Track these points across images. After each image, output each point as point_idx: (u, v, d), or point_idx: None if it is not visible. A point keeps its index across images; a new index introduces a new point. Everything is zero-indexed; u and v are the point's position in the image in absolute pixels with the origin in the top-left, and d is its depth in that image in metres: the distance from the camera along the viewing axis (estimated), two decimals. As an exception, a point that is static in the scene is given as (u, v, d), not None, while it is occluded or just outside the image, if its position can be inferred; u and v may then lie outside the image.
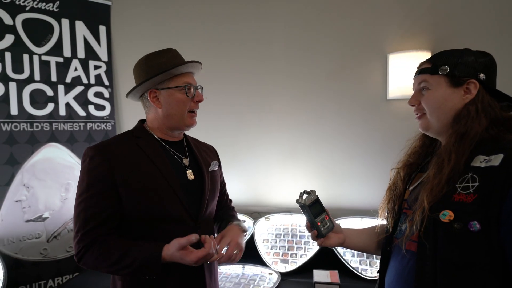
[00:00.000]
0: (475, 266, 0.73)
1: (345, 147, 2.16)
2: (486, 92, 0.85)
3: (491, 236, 0.71)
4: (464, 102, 0.85)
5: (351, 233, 1.12)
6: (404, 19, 2.00)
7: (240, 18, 2.23)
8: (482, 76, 0.84)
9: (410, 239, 0.85)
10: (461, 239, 0.74)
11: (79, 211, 0.99)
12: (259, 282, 1.67)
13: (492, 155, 0.75)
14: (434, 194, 0.79)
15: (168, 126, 1.11)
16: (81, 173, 1.02)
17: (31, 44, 2.07)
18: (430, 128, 0.91)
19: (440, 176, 0.80)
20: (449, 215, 0.76)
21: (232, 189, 2.27)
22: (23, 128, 2.04)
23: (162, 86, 1.07)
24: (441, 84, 0.87)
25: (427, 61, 0.92)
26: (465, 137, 0.81)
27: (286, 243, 1.95)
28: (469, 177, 0.76)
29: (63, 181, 2.15)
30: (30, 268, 2.02)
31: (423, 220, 0.79)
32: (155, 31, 2.34)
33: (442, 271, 0.77)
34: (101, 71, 2.31)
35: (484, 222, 0.71)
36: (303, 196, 1.02)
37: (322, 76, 2.15)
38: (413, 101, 0.93)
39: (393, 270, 0.91)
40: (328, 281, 1.53)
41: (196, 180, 1.14)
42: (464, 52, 0.87)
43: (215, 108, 2.29)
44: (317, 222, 1.00)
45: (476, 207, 0.73)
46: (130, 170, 1.02)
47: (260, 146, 2.28)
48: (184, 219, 1.06)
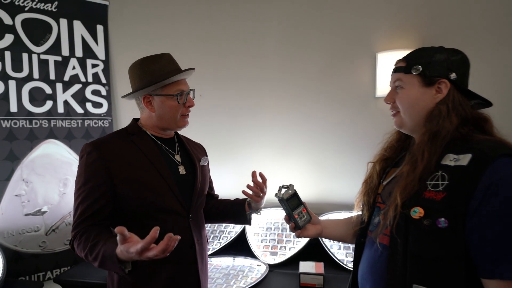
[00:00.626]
0: (442, 260, 0.75)
1: (335, 144, 2.21)
2: (457, 91, 0.87)
3: (457, 233, 0.74)
4: (436, 102, 0.87)
5: (328, 224, 1.17)
6: (393, 19, 2.04)
7: (234, 18, 2.28)
8: (453, 75, 0.87)
9: (383, 232, 0.88)
10: (429, 235, 0.77)
11: (78, 203, 1.05)
12: (248, 273, 1.73)
13: (461, 154, 0.78)
14: (407, 191, 0.82)
15: (161, 127, 1.18)
16: (79, 168, 1.08)
17: (30, 44, 2.14)
18: (404, 125, 0.94)
19: (414, 175, 0.82)
20: (420, 212, 0.79)
21: (225, 185, 2.34)
22: (22, 125, 2.11)
23: (155, 93, 1.13)
24: (414, 83, 0.89)
25: (403, 59, 0.94)
26: (437, 136, 0.83)
27: (276, 237, 2.01)
28: (439, 175, 0.79)
29: (61, 176, 2.22)
30: (29, 260, 2.10)
31: (395, 216, 0.82)
32: (151, 31, 2.40)
33: (412, 265, 0.80)
34: (99, 70, 2.38)
35: (451, 220, 0.74)
36: (282, 191, 1.08)
37: (313, 75, 2.20)
38: (388, 99, 0.96)
39: (366, 262, 0.95)
40: (313, 272, 1.59)
41: (187, 175, 1.21)
42: (437, 50, 0.89)
43: (209, 106, 2.35)
44: (294, 214, 1.06)
45: (444, 205, 0.76)
46: (126, 165, 1.08)
47: (252, 143, 2.34)
48: (177, 210, 1.13)
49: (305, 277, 1.59)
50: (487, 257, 0.72)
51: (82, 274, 1.77)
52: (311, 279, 1.59)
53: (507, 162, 0.73)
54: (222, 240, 2.04)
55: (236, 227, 2.11)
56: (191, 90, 1.20)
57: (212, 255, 1.96)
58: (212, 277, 1.70)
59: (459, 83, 0.87)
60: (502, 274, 0.69)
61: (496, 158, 0.73)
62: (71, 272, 1.81)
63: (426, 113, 0.88)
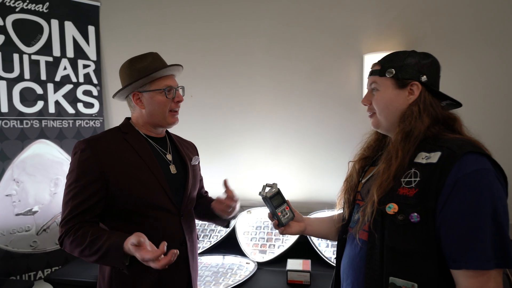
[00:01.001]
0: (415, 254, 0.80)
1: (325, 143, 2.25)
2: (429, 92, 0.92)
3: (428, 227, 0.78)
4: (408, 103, 0.91)
5: (312, 222, 1.21)
6: (380, 22, 2.08)
7: (224, 20, 2.31)
8: (424, 78, 0.91)
9: (363, 228, 0.92)
10: (403, 230, 0.81)
11: (68, 199, 1.06)
12: (237, 271, 1.76)
13: (432, 152, 0.83)
14: (382, 188, 0.86)
15: (151, 124, 1.20)
16: (72, 164, 1.09)
17: (21, 44, 2.15)
18: (380, 126, 0.99)
19: (389, 172, 0.86)
20: (394, 207, 0.83)
21: (216, 183, 2.36)
22: (13, 125, 2.11)
23: (144, 89, 1.16)
24: (388, 86, 0.94)
25: (378, 62, 0.99)
26: (410, 135, 0.87)
27: (265, 235, 2.04)
28: (412, 173, 0.83)
29: (52, 176, 2.23)
30: (20, 260, 2.11)
31: (373, 212, 0.86)
32: (142, 31, 2.41)
33: (388, 258, 0.84)
34: (90, 70, 2.39)
35: (422, 214, 0.79)
36: (266, 189, 1.11)
37: (302, 76, 2.24)
38: (365, 101, 1.02)
39: (347, 257, 0.99)
40: (300, 269, 1.62)
41: (178, 174, 1.23)
42: (409, 54, 0.94)
43: (200, 106, 2.37)
44: (277, 212, 1.09)
45: (416, 200, 0.80)
46: (119, 163, 1.10)
47: (243, 142, 2.37)
48: (168, 208, 1.15)
49: (293, 274, 1.62)
50: (455, 249, 0.76)
51: (72, 273, 1.78)
52: (298, 276, 1.62)
53: (473, 159, 0.78)
54: (212, 239, 2.07)
55: (226, 226, 2.13)
56: (181, 87, 1.23)
57: (202, 254, 1.98)
58: (202, 275, 1.72)
59: (429, 85, 0.92)
60: (467, 264, 0.74)
61: (462, 156, 0.78)
62: (62, 271, 1.83)
63: (400, 114, 0.92)
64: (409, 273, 0.81)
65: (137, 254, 0.90)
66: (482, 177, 0.76)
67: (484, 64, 1.95)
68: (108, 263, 1.01)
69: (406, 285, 0.81)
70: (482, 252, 0.73)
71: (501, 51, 1.91)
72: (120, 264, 0.95)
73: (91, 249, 0.99)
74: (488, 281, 0.73)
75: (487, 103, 1.95)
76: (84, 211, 1.05)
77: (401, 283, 0.81)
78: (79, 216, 1.05)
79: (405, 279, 0.81)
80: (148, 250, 0.90)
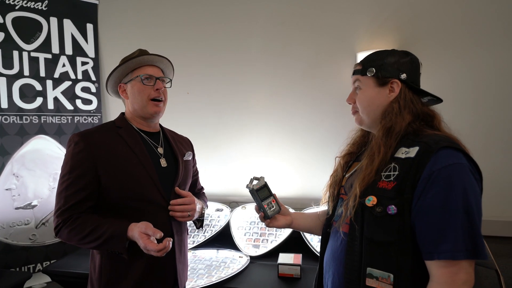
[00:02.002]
0: (391, 245, 0.82)
1: (318, 141, 2.28)
2: (409, 89, 0.95)
3: (404, 219, 0.81)
4: (389, 100, 0.94)
5: (298, 216, 1.24)
6: (373, 20, 2.11)
7: (221, 19, 2.34)
8: (403, 76, 0.94)
9: (345, 222, 0.94)
10: (381, 221, 0.84)
11: (61, 189, 1.09)
12: (230, 264, 1.80)
13: (411, 147, 0.86)
14: (365, 182, 0.89)
15: (138, 115, 1.24)
16: (66, 156, 1.13)
17: (21, 41, 2.19)
18: (363, 123, 1.02)
19: (372, 167, 0.89)
20: (373, 200, 0.86)
21: (212, 180, 2.41)
22: (13, 120, 2.16)
23: (126, 80, 1.22)
24: (370, 84, 0.97)
25: (360, 62, 1.01)
26: (391, 131, 0.90)
27: (259, 230, 2.08)
28: (392, 167, 0.87)
29: (51, 171, 2.27)
30: (19, 252, 2.16)
31: (354, 205, 0.89)
32: (140, 29, 2.45)
33: (366, 249, 0.87)
34: (88, 67, 2.43)
35: (399, 207, 0.82)
36: (253, 182, 1.14)
37: (297, 74, 2.27)
38: (349, 100, 1.05)
39: (329, 250, 1.02)
40: (291, 263, 1.66)
41: (169, 167, 1.26)
42: (389, 53, 0.97)
43: (196, 104, 2.41)
44: (263, 204, 1.12)
45: (394, 193, 0.83)
46: (111, 156, 1.13)
47: (238, 140, 2.40)
48: (158, 201, 1.18)
49: (283, 268, 1.66)
50: (428, 240, 0.79)
51: (69, 265, 1.83)
52: (288, 269, 1.65)
53: (448, 153, 0.80)
54: (206, 233, 2.11)
55: (221, 220, 2.17)
56: (167, 78, 1.27)
57: (197, 248, 2.02)
58: (195, 268, 1.76)
59: (409, 83, 0.94)
60: (439, 255, 0.77)
61: (438, 150, 0.81)
62: (59, 263, 1.87)
63: (382, 111, 0.95)
64: (385, 264, 0.83)
65: (142, 243, 1.00)
66: (456, 171, 0.78)
67: (476, 63, 1.97)
68: (110, 247, 1.07)
69: (382, 276, 0.83)
70: (454, 244, 0.75)
71: (492, 50, 1.93)
72: (121, 248, 1.04)
73: (92, 235, 1.05)
74: (459, 271, 0.76)
75: (478, 101, 1.98)
76: (79, 202, 1.09)
77: (378, 273, 0.84)
78: (75, 207, 1.08)
79: (381, 270, 0.84)
80: (153, 242, 1.00)
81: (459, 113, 1.96)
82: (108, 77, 1.22)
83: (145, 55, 1.20)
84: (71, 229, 1.07)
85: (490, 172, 1.26)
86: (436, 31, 2.02)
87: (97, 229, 1.06)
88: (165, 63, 1.27)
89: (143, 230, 1.02)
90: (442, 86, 1.98)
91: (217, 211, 2.26)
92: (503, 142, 1.94)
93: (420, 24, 2.05)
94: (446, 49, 2.00)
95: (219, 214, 2.24)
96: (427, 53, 2.00)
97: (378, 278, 0.84)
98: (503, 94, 1.94)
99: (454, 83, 1.99)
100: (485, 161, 1.06)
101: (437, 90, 0.97)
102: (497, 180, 1.87)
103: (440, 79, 1.99)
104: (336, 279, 0.95)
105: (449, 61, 2.00)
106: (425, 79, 1.12)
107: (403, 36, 2.07)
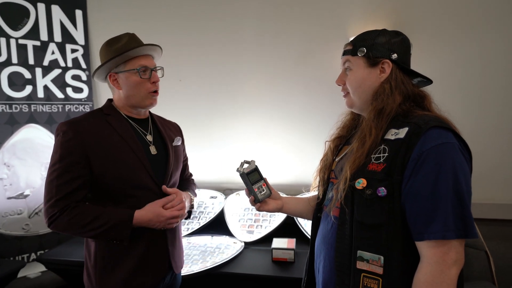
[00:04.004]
0: (381, 227, 0.83)
1: (313, 127, 2.28)
2: (400, 70, 0.94)
3: (394, 201, 0.82)
4: (380, 81, 0.93)
5: (289, 200, 1.23)
6: (367, 6, 2.09)
7: (212, 4, 2.30)
8: (394, 56, 0.92)
9: (335, 205, 0.94)
10: (371, 204, 0.84)
11: (52, 178, 1.08)
12: (224, 250, 1.81)
13: (400, 128, 0.85)
14: (355, 165, 0.88)
15: (130, 105, 1.22)
16: (55, 146, 1.11)
17: (8, 28, 2.13)
18: (354, 105, 1.01)
19: (363, 150, 0.89)
20: (363, 182, 0.86)
21: (206, 167, 2.41)
22: (2, 109, 2.12)
23: (119, 70, 1.18)
24: (360, 64, 0.95)
25: (350, 42, 1.00)
26: (382, 112, 0.90)
27: (253, 216, 2.09)
28: (381, 149, 0.86)
29: (42, 160, 2.25)
30: (13, 242, 2.14)
31: (345, 188, 0.89)
32: (130, 15, 2.40)
33: (357, 232, 0.87)
34: (78, 55, 2.39)
35: (389, 188, 0.82)
36: (243, 165, 1.14)
37: (290, 61, 2.25)
38: (339, 81, 1.03)
39: (320, 234, 1.02)
40: (284, 247, 1.67)
41: (159, 154, 1.25)
42: (379, 33, 0.95)
43: (189, 91, 2.39)
44: (254, 188, 1.12)
45: (383, 175, 0.83)
46: (100, 143, 1.12)
47: (232, 127, 2.40)
48: (151, 187, 1.18)
49: (277, 252, 1.68)
50: (419, 221, 0.79)
51: (63, 253, 1.83)
52: (282, 253, 1.67)
53: (437, 133, 0.80)
54: (201, 220, 2.11)
55: (215, 207, 2.18)
56: (159, 68, 1.25)
57: (191, 235, 2.03)
58: (190, 254, 1.77)
59: (400, 63, 0.93)
60: (430, 235, 0.77)
61: (427, 130, 0.80)
62: (53, 252, 1.87)
63: (373, 92, 0.94)
64: (376, 247, 0.83)
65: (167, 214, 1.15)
66: (445, 150, 0.78)
67: (471, 48, 1.97)
68: (113, 235, 1.09)
69: (372, 258, 0.84)
70: (444, 224, 0.75)
71: (493, 32, 1.92)
72: (125, 236, 1.09)
73: (94, 224, 1.07)
74: (449, 250, 0.76)
75: (479, 82, 1.98)
76: (74, 190, 1.08)
77: (368, 256, 0.84)
78: (71, 196, 1.07)
79: (372, 252, 0.84)
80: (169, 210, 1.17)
81: (463, 96, 1.97)
82: (99, 67, 1.18)
83: (140, 46, 1.16)
84: (71, 218, 1.06)
85: (480, 154, 1.28)
86: (431, 16, 2.01)
87: (100, 218, 1.08)
88: (157, 50, 1.25)
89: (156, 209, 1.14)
90: (437, 70, 1.99)
91: (211, 199, 2.27)
92: (492, 126, 1.96)
93: (414, 9, 2.03)
94: (442, 34, 2.00)
95: (213, 202, 2.24)
96: (421, 38, 1.99)
97: (369, 261, 0.84)
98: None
99: (448, 67, 1.99)
100: (475, 143, 1.07)
101: (432, 73, 0.96)
102: (486, 162, 1.89)
103: (435, 63, 1.99)
104: (327, 263, 0.95)
105: (445, 46, 2.00)
106: (420, 64, 1.13)
107: (397, 21, 2.06)
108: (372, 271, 0.83)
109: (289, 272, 1.57)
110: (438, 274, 0.75)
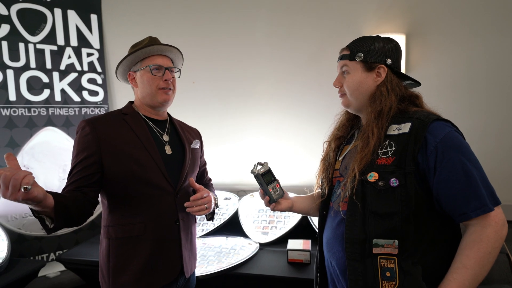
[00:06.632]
0: (395, 214, 0.88)
1: (326, 127, 2.26)
2: (393, 74, 1.02)
3: (407, 189, 0.88)
4: (377, 84, 1.01)
5: (297, 199, 1.28)
6: (380, 4, 2.07)
7: (226, 7, 2.31)
8: (389, 61, 1.00)
9: (344, 201, 0.99)
10: (384, 194, 0.90)
11: (69, 173, 1.13)
12: (239, 251, 1.81)
13: (402, 124, 0.93)
14: (362, 163, 0.94)
15: (146, 103, 1.25)
16: (74, 142, 1.16)
17: (26, 33, 2.19)
18: (350, 105, 1.06)
19: (367, 149, 0.95)
20: (375, 175, 0.92)
21: (220, 169, 2.42)
22: (21, 113, 2.18)
23: (136, 68, 1.23)
24: (358, 69, 1.02)
25: (346, 47, 1.06)
26: (381, 113, 0.97)
27: (267, 217, 2.09)
28: (387, 144, 0.93)
29: (60, 162, 2.30)
30: (33, 242, 2.20)
31: (354, 185, 0.94)
32: (145, 19, 2.44)
33: (371, 223, 0.91)
34: (94, 58, 2.43)
35: (401, 179, 0.88)
36: (257, 167, 1.15)
37: (303, 60, 2.24)
38: (336, 83, 1.08)
39: (329, 229, 1.05)
40: (300, 248, 1.67)
41: (174, 154, 1.27)
42: (374, 39, 1.02)
43: (203, 93, 2.40)
44: (269, 189, 1.14)
45: (394, 167, 0.90)
46: (116, 140, 1.15)
47: (245, 128, 2.40)
48: (164, 186, 1.19)
49: (293, 253, 1.67)
50: (458, 204, 0.85)
51: (82, 253, 1.86)
52: (298, 255, 1.67)
53: (440, 124, 0.90)
54: (215, 222, 2.12)
55: (229, 209, 2.19)
56: (176, 69, 1.28)
57: (206, 236, 2.04)
58: (205, 255, 1.78)
59: (394, 67, 1.01)
60: (473, 212, 0.83)
61: (431, 122, 0.89)
62: (72, 252, 1.91)
63: (369, 94, 1.01)
64: (390, 233, 0.89)
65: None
66: (455, 137, 0.88)
67: (485, 46, 1.93)
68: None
69: (387, 243, 0.90)
70: (481, 198, 0.83)
71: (504, 32, 1.89)
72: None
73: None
74: (496, 215, 0.83)
75: (491, 82, 1.94)
76: (77, 180, 1.09)
77: (383, 242, 0.90)
78: (72, 184, 1.09)
79: (386, 238, 0.89)
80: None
81: (473, 95, 1.93)
82: (118, 64, 1.23)
83: (154, 45, 1.20)
84: None
85: (502, 156, 1.25)
86: (444, 14, 1.97)
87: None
88: (175, 52, 1.27)
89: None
90: (452, 68, 1.96)
91: (225, 200, 2.28)
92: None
93: (427, 7, 2.00)
94: (454, 33, 1.97)
95: (227, 203, 2.25)
96: (434, 37, 1.97)
97: (384, 245, 0.90)
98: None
99: (463, 66, 1.96)
100: (490, 145, 1.06)
101: (444, 72, 0.98)
102: (507, 164, 1.85)
103: (448, 61, 1.95)
104: (341, 255, 0.98)
105: (458, 44, 1.96)
106: (432, 62, 1.11)
107: (410, 20, 2.03)
108: (388, 253, 0.90)
109: (305, 273, 1.57)
110: (493, 235, 0.83)
